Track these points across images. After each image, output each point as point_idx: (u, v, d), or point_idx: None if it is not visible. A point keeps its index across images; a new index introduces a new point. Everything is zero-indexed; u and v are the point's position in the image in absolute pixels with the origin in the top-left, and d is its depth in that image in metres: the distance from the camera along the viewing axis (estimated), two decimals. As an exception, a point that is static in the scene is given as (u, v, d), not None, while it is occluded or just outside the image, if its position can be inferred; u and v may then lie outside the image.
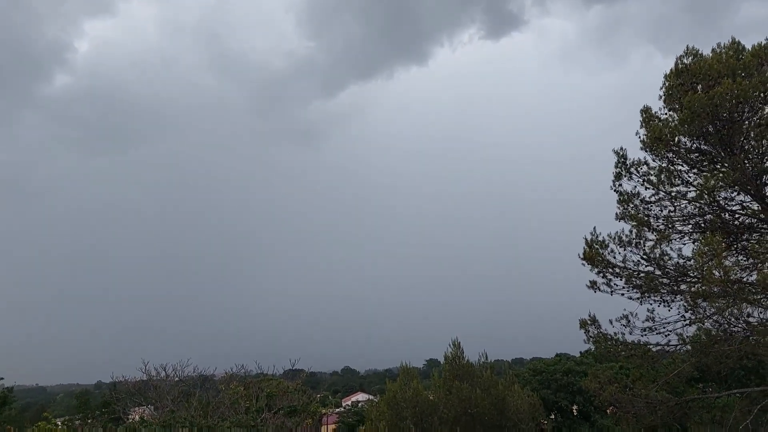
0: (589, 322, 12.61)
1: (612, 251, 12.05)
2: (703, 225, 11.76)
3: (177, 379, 21.83)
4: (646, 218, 11.93)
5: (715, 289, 9.92)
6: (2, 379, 22.65)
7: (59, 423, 23.73)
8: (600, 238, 12.23)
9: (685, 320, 11.94)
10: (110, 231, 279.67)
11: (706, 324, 11.81)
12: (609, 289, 12.25)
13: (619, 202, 12.46)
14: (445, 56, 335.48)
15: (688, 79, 11.55)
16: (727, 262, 10.32)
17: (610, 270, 12.06)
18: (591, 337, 12.65)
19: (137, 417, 20.79)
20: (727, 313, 11.16)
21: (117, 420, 21.65)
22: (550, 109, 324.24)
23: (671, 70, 12.12)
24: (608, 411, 23.84)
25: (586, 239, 12.41)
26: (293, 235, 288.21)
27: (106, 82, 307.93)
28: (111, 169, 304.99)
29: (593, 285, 12.40)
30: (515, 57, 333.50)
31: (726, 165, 11.28)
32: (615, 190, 12.57)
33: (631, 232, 11.88)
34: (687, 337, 12.34)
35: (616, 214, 12.54)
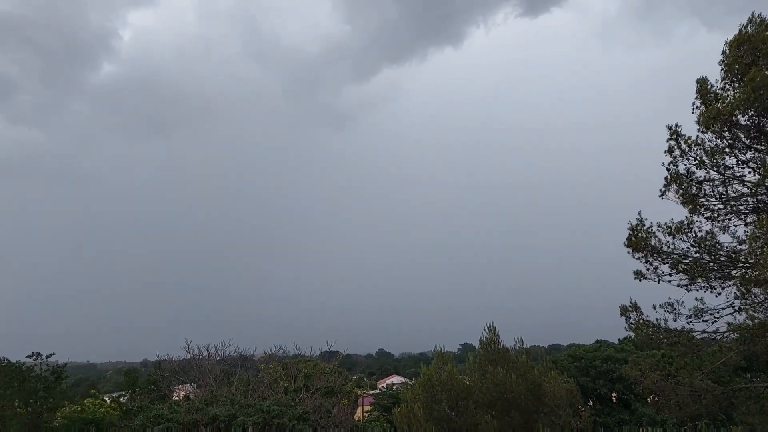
0: (630, 308, 12.16)
1: (658, 237, 11.47)
2: (759, 207, 11.07)
3: (219, 358, 22.54)
4: (697, 200, 11.27)
5: (769, 276, 9.41)
6: (54, 354, 23.74)
7: (107, 399, 24.86)
8: (645, 223, 11.62)
9: (734, 308, 11.42)
10: (157, 216, 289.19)
11: (757, 312, 11.25)
12: (656, 278, 11.63)
13: (668, 181, 11.70)
14: (480, 37, 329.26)
15: (750, 50, 10.70)
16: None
17: (656, 256, 11.49)
18: (632, 324, 12.23)
19: (181, 394, 21.60)
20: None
21: (162, 397, 22.54)
22: (589, 89, 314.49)
23: (733, 38, 11.08)
24: (649, 399, 23.31)
25: (630, 224, 11.82)
26: (330, 221, 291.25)
27: (149, 71, 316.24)
28: (157, 156, 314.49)
29: (638, 274, 11.79)
30: (554, 35, 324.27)
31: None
32: (666, 168, 11.72)
33: (680, 216, 11.32)
34: (735, 324, 11.81)
35: (664, 193, 11.79)
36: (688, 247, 11.24)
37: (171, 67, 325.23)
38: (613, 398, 25.47)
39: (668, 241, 11.38)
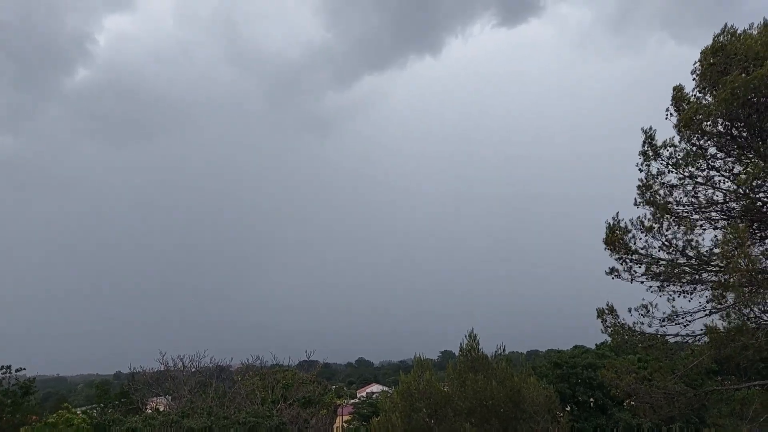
0: (606, 311, 12.33)
1: (634, 237, 11.71)
2: (729, 212, 11.39)
3: (194, 369, 22.10)
4: (669, 204, 11.56)
5: (741, 280, 9.62)
6: (24, 369, 23.05)
7: (79, 412, 24.14)
8: (622, 224, 11.91)
9: (706, 311, 11.66)
10: (131, 223, 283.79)
11: (729, 315, 11.49)
12: (629, 277, 11.93)
13: (641, 186, 12.01)
14: (458, 46, 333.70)
15: (723, 60, 11.03)
16: (754, 251, 10.02)
17: (631, 256, 11.74)
18: (608, 326, 12.40)
19: (155, 407, 21.08)
20: (751, 304, 10.87)
21: (135, 410, 21.96)
22: (564, 99, 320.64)
23: (707, 47, 11.47)
24: (625, 404, 23.63)
25: (608, 224, 12.10)
26: (307, 229, 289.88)
27: (127, 76, 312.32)
28: (133, 162, 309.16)
29: (613, 271, 12.11)
30: (531, 45, 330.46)
31: (753, 152, 10.91)
32: (639, 169, 12.14)
33: (653, 217, 11.52)
34: (707, 327, 12.04)
35: (636, 199, 12.11)
36: (660, 247, 11.48)
37: (150, 71, 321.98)
38: (591, 403, 25.74)
39: (644, 241, 11.64)
